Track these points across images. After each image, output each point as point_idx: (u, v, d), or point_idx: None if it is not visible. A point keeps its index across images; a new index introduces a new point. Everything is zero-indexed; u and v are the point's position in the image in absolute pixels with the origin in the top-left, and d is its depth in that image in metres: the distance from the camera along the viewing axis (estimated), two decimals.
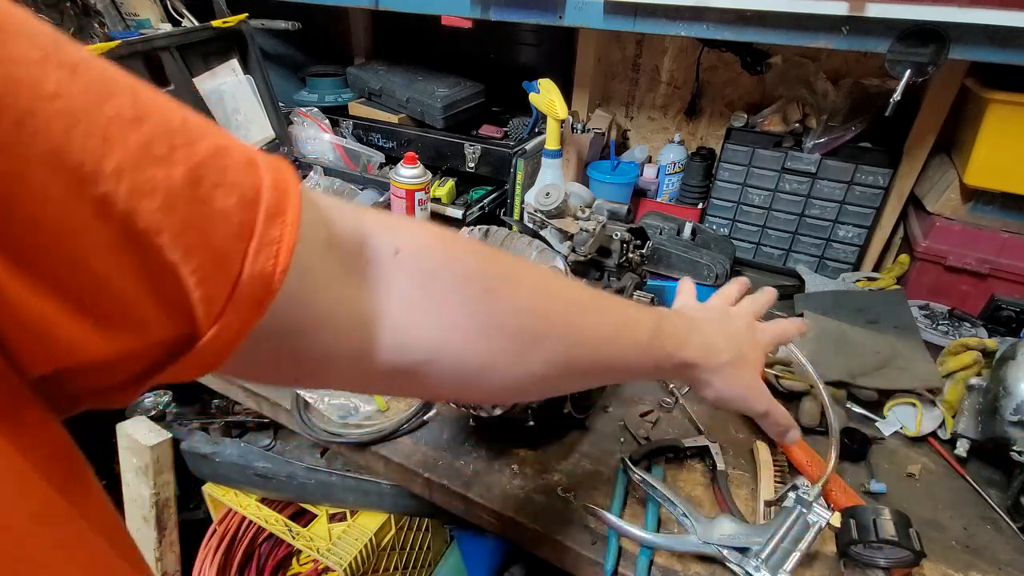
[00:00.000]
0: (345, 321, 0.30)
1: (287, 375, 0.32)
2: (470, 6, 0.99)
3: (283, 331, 0.27)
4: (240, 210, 0.23)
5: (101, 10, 1.10)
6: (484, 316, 0.36)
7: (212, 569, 0.96)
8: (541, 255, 0.67)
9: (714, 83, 1.23)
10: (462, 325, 0.35)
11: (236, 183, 0.23)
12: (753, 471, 0.71)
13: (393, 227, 0.35)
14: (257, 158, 0.25)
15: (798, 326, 0.62)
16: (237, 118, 1.10)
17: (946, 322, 0.96)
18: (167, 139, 0.21)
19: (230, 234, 0.23)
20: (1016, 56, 0.70)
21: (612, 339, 0.43)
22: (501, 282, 0.37)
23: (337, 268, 0.30)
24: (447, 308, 0.34)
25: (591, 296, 0.44)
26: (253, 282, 0.24)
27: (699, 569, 0.60)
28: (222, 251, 0.23)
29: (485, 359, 0.36)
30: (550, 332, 0.39)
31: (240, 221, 0.23)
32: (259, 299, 0.24)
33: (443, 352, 0.34)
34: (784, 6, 0.78)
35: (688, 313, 0.57)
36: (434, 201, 1.10)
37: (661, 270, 1.03)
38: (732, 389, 0.53)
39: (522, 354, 0.38)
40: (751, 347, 0.55)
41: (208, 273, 0.22)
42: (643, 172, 1.26)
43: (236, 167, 0.24)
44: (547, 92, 1.05)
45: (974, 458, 0.74)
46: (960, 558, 0.63)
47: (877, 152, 1.02)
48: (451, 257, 0.36)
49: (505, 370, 0.37)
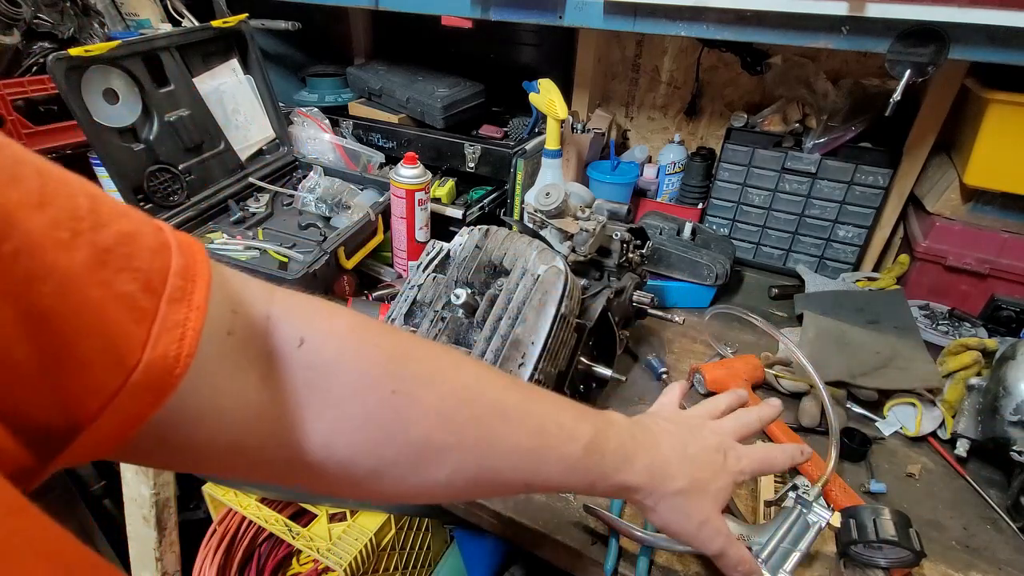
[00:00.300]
0: (231, 414, 0.29)
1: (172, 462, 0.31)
2: (470, 6, 0.99)
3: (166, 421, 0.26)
4: (143, 294, 0.23)
5: (101, 10, 1.10)
6: (383, 420, 0.34)
7: (212, 569, 0.96)
8: (541, 255, 0.67)
9: (714, 83, 1.23)
10: (358, 428, 0.33)
11: (142, 268, 0.23)
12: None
13: (304, 314, 0.33)
14: (170, 241, 0.25)
15: (790, 454, 0.54)
16: (237, 118, 1.10)
17: (946, 322, 0.96)
18: (71, 224, 0.21)
19: (130, 319, 0.23)
20: (1016, 56, 0.70)
21: (534, 452, 0.39)
22: (410, 384, 0.35)
23: (234, 357, 0.29)
24: (343, 409, 0.32)
25: (519, 399, 0.40)
26: (151, 368, 0.23)
27: (699, 569, 0.60)
28: (120, 335, 0.22)
29: (378, 464, 0.34)
30: (458, 443, 0.36)
31: (142, 306, 0.23)
32: (157, 386, 0.24)
33: (332, 453, 0.32)
34: (784, 6, 0.78)
35: (651, 424, 0.50)
36: (434, 201, 1.10)
37: (661, 270, 1.03)
38: (680, 523, 0.47)
39: (423, 463, 0.35)
40: (716, 474, 0.48)
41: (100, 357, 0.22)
42: (643, 172, 1.26)
43: (143, 252, 0.24)
44: (547, 92, 1.05)
45: (974, 458, 0.74)
46: (960, 558, 0.63)
47: (877, 152, 1.02)
48: (359, 353, 0.34)
49: (403, 477, 0.35)
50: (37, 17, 0.96)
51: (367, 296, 1.01)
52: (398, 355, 0.35)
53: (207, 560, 0.98)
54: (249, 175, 1.10)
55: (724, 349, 0.92)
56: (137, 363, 0.23)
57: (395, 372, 0.34)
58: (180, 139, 0.98)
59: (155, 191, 0.94)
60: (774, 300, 1.08)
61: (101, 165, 0.92)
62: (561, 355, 0.67)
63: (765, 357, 0.87)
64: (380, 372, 0.34)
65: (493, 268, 0.71)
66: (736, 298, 1.10)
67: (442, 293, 0.69)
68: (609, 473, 0.42)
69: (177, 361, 0.24)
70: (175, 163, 0.98)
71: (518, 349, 0.62)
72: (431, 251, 0.75)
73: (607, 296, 0.76)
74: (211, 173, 1.04)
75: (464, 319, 0.67)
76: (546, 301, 0.64)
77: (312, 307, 0.35)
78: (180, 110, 0.98)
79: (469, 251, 0.71)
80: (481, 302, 0.67)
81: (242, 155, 1.11)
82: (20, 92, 0.92)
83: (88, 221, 0.22)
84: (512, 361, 0.62)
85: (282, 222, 1.06)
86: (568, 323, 0.67)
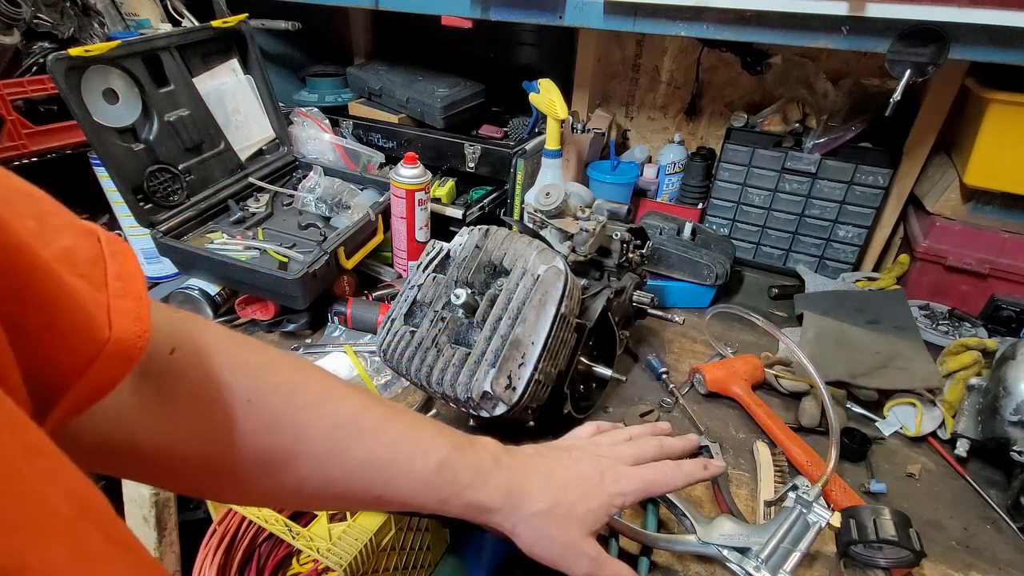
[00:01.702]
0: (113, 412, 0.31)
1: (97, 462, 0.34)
2: (470, 6, 0.99)
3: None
4: (96, 292, 0.27)
5: (101, 10, 1.10)
6: (235, 427, 0.35)
7: (212, 569, 0.96)
8: (541, 255, 0.67)
9: (714, 83, 1.23)
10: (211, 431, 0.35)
11: (84, 275, 0.27)
12: (753, 471, 0.71)
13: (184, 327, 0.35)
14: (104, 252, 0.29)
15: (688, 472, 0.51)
16: (237, 118, 1.10)
17: (946, 322, 0.96)
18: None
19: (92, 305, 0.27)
20: (1016, 56, 0.70)
21: (385, 467, 0.39)
22: (267, 395, 0.36)
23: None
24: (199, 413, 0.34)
25: (378, 416, 0.40)
26: (119, 342, 0.27)
27: (699, 569, 0.60)
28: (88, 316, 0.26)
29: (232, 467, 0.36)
30: (308, 452, 0.37)
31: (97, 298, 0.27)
32: (127, 355, 0.28)
33: (175, 453, 0.34)
34: (784, 6, 0.78)
35: (525, 449, 0.49)
36: (434, 201, 1.10)
37: (661, 270, 1.03)
38: (543, 546, 0.45)
39: (272, 470, 0.37)
40: (585, 496, 0.45)
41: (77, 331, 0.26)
42: (643, 172, 1.26)
43: (83, 264, 0.28)
44: (547, 92, 1.05)
45: (974, 458, 0.74)
46: (960, 558, 0.63)
47: (877, 152, 1.02)
48: (223, 365, 0.36)
49: (253, 482, 0.37)
50: (37, 17, 0.96)
51: (367, 296, 1.01)
52: (259, 368, 0.37)
53: (207, 560, 0.98)
54: (249, 175, 1.10)
55: (724, 349, 0.92)
56: (107, 339, 0.27)
57: (252, 383, 0.36)
58: (180, 139, 0.98)
59: (155, 191, 0.94)
60: (774, 300, 1.08)
61: (101, 165, 0.91)
62: (561, 355, 0.67)
63: (765, 357, 0.87)
64: (238, 382, 0.36)
65: (493, 268, 0.71)
66: (736, 298, 1.10)
67: (442, 293, 0.69)
68: (461, 491, 0.42)
69: (139, 337, 0.28)
70: (175, 163, 0.97)
71: (518, 349, 0.62)
72: (431, 251, 0.75)
73: (607, 296, 0.76)
74: (211, 173, 1.04)
75: (464, 319, 0.67)
76: (546, 301, 0.64)
77: (191, 323, 0.37)
78: (180, 110, 0.98)
79: (469, 251, 0.71)
80: (481, 302, 0.67)
81: (242, 155, 1.11)
82: (20, 92, 0.92)
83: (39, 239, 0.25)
84: (512, 361, 0.62)
85: (282, 222, 1.06)
86: (568, 323, 0.67)
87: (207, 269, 0.93)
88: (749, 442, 0.76)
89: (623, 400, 0.83)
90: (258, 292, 0.92)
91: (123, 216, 0.98)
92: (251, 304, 0.94)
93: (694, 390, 0.85)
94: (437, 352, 0.66)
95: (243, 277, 0.89)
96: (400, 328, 0.70)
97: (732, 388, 0.81)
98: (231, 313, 0.95)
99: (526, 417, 0.68)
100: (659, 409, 0.81)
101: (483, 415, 0.65)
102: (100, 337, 0.26)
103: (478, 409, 0.65)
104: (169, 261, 0.96)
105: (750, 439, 0.76)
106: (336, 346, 0.91)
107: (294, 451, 0.37)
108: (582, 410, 0.77)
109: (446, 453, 0.42)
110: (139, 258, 1.02)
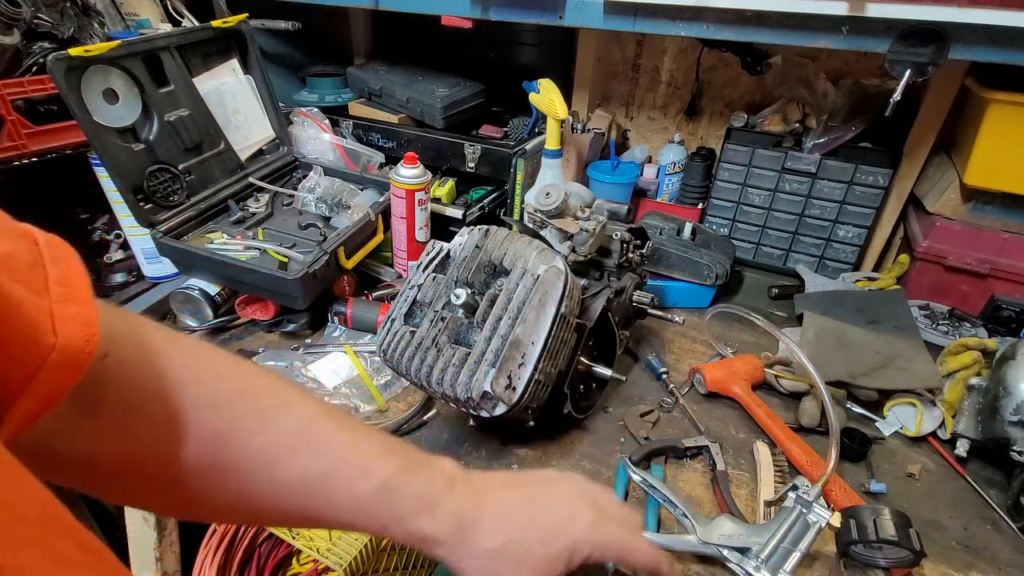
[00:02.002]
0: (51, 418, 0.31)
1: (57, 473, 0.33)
2: (470, 6, 0.99)
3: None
4: (37, 297, 0.26)
5: (101, 10, 1.10)
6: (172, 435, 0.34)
7: (212, 569, 0.96)
8: (541, 255, 0.67)
9: (714, 83, 1.23)
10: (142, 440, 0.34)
11: (23, 281, 0.26)
12: (753, 471, 0.71)
13: (124, 331, 0.34)
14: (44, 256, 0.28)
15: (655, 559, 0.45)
16: (237, 118, 1.10)
17: (946, 322, 0.96)
18: None
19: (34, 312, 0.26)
20: (1016, 56, 0.70)
21: (320, 486, 0.37)
22: (203, 404, 0.35)
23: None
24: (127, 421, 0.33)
25: (323, 431, 0.38)
26: (65, 349, 0.26)
27: (699, 569, 0.60)
28: (31, 324, 0.26)
29: (173, 476, 0.35)
30: (243, 464, 0.35)
31: (39, 304, 0.26)
32: (74, 362, 0.27)
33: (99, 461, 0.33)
34: (784, 6, 0.78)
35: (492, 476, 0.44)
36: (434, 201, 1.10)
37: (661, 270, 1.03)
38: None
39: (209, 481, 0.35)
40: (547, 538, 0.40)
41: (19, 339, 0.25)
42: (643, 172, 1.26)
43: (23, 269, 0.27)
44: (547, 92, 1.05)
45: (974, 458, 0.74)
46: (960, 558, 0.63)
47: (877, 152, 1.02)
48: (159, 372, 0.34)
49: (197, 495, 0.35)
50: (37, 17, 0.96)
51: (367, 296, 1.01)
52: (199, 376, 0.36)
53: (207, 560, 0.98)
54: (249, 175, 1.10)
55: (724, 349, 0.92)
56: (53, 346, 0.26)
57: (195, 391, 0.35)
58: (180, 139, 0.98)
59: (155, 191, 0.94)
60: (774, 300, 1.08)
61: (101, 165, 0.91)
62: (561, 355, 0.67)
63: (765, 357, 0.87)
64: (176, 389, 0.34)
65: (493, 268, 0.71)
66: (736, 298, 1.10)
67: (442, 293, 0.69)
68: (403, 517, 0.38)
69: (87, 342, 0.27)
70: (175, 163, 0.97)
71: (518, 349, 0.62)
72: (431, 251, 0.75)
73: (607, 296, 0.76)
74: (211, 173, 1.04)
75: (464, 319, 0.67)
76: (546, 301, 0.64)
77: (134, 327, 0.35)
78: (180, 110, 0.98)
79: (469, 251, 0.71)
80: (481, 302, 0.67)
81: (242, 155, 1.11)
82: (20, 92, 0.92)
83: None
84: (512, 361, 0.62)
85: (282, 222, 1.06)
86: (568, 323, 0.67)
87: (207, 269, 0.93)
88: (749, 442, 0.76)
89: (623, 400, 0.83)
90: (258, 292, 0.92)
91: (123, 216, 0.98)
92: (251, 304, 0.94)
93: (694, 390, 0.85)
94: (437, 352, 0.66)
95: (243, 277, 0.89)
96: (400, 328, 0.70)
97: (732, 388, 0.81)
98: (231, 313, 0.95)
99: (526, 417, 0.68)
100: (659, 409, 0.81)
101: (483, 415, 0.65)
102: (45, 344, 0.26)
103: (478, 409, 0.65)
104: (169, 261, 0.96)
105: (750, 439, 0.76)
106: (336, 346, 0.91)
107: (228, 463, 0.35)
108: (582, 410, 0.77)
109: (389, 474, 0.38)
110: (139, 257, 1.02)
